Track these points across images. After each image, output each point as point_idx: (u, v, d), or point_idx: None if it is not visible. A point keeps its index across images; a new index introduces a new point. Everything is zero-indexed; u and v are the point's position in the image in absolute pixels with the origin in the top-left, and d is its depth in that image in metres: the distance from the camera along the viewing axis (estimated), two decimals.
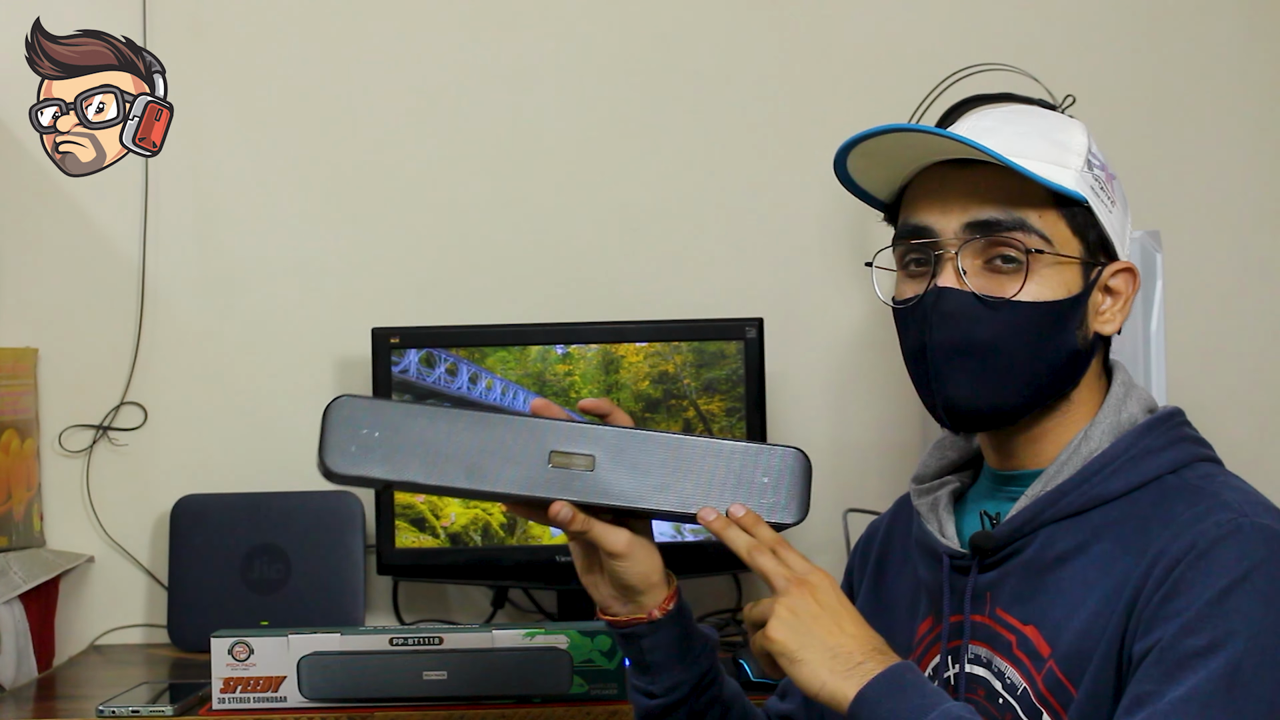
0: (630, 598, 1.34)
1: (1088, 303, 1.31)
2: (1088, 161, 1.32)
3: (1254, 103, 2.53)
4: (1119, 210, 1.34)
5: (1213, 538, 1.20)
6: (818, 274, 2.51)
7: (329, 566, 2.39)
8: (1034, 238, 1.28)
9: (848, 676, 1.22)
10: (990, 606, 1.31)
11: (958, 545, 1.35)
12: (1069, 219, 1.30)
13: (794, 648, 1.23)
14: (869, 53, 2.53)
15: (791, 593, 1.26)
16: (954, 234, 1.30)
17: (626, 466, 1.25)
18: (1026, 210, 1.29)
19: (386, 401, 1.24)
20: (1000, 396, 1.31)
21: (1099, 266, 1.32)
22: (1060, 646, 1.25)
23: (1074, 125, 1.35)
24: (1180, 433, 1.32)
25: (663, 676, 1.39)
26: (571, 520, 1.26)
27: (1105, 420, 1.32)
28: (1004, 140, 1.29)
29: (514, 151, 2.53)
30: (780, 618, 1.25)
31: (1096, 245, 1.32)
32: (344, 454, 1.21)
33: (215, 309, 2.53)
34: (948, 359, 1.31)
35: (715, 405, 2.31)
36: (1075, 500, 1.29)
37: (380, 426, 1.22)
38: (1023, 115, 1.37)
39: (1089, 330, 1.32)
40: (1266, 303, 2.52)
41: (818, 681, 1.22)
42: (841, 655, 1.23)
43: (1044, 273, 1.29)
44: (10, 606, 2.28)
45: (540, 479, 1.24)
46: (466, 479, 1.23)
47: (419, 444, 1.22)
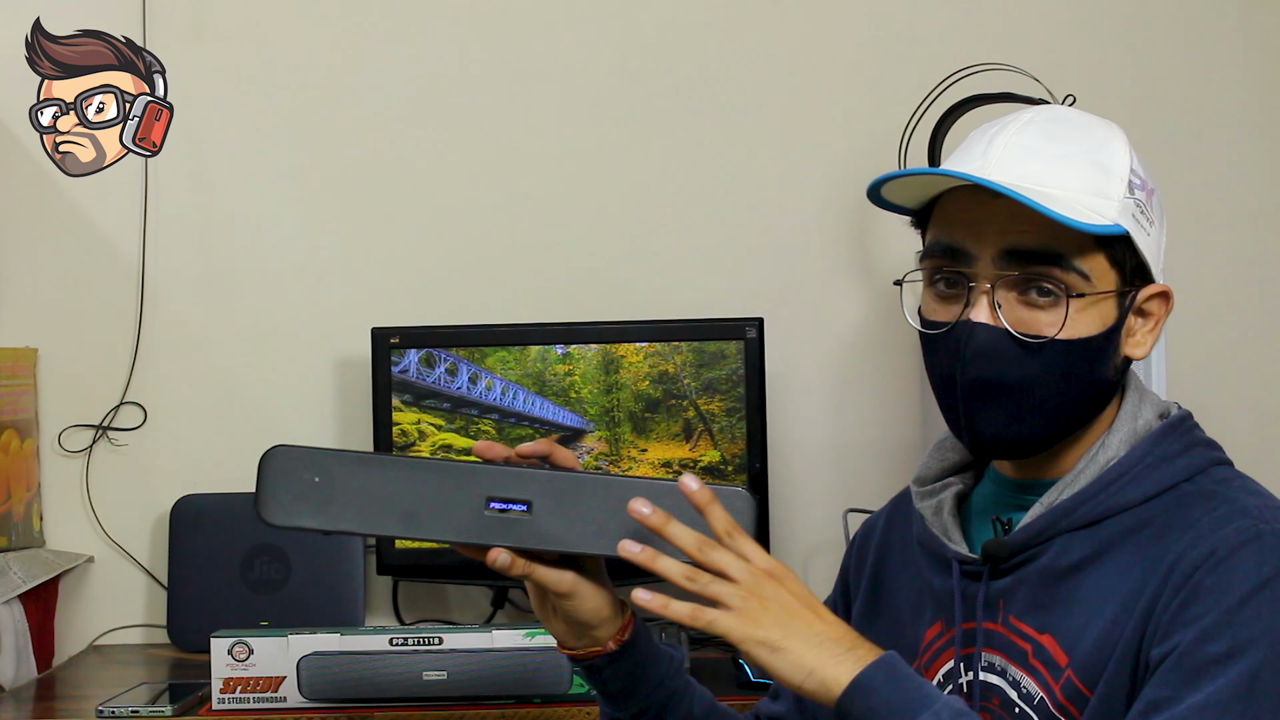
0: (584, 632, 1.32)
1: (1121, 330, 1.29)
2: (1130, 184, 1.27)
3: (1254, 103, 2.53)
4: (1157, 229, 1.30)
5: (1232, 545, 1.19)
6: (818, 274, 2.51)
7: (329, 566, 2.39)
8: (1072, 275, 1.24)
9: (838, 663, 1.17)
10: (1003, 614, 1.30)
11: (967, 550, 1.34)
12: (1109, 253, 1.26)
13: (776, 636, 1.17)
14: (869, 53, 2.53)
15: (762, 585, 1.19)
16: (989, 261, 1.26)
17: (564, 510, 1.24)
18: (1065, 244, 1.24)
19: (322, 450, 1.23)
20: (1029, 431, 1.28)
21: (1133, 292, 1.29)
22: (1078, 655, 1.24)
23: (1116, 140, 1.30)
24: (1193, 437, 1.31)
25: (628, 703, 1.37)
26: (510, 566, 1.23)
27: (1122, 429, 1.30)
28: (1044, 166, 1.25)
29: (514, 152, 2.53)
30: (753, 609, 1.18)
31: (1134, 272, 1.28)
32: (279, 505, 1.21)
33: (215, 309, 2.53)
34: (979, 396, 1.28)
35: (715, 405, 2.31)
36: (1092, 509, 1.28)
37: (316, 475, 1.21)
38: (1064, 129, 1.30)
39: (1118, 357, 1.30)
40: (1266, 303, 2.52)
41: (804, 669, 1.17)
42: (828, 642, 1.18)
43: (1082, 309, 1.26)
44: (10, 606, 2.28)
45: (477, 526, 1.23)
46: (403, 527, 1.22)
47: (355, 493, 1.21)
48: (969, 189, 1.27)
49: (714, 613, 1.18)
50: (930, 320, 1.30)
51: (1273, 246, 2.53)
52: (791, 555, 2.47)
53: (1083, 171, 1.26)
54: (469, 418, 2.32)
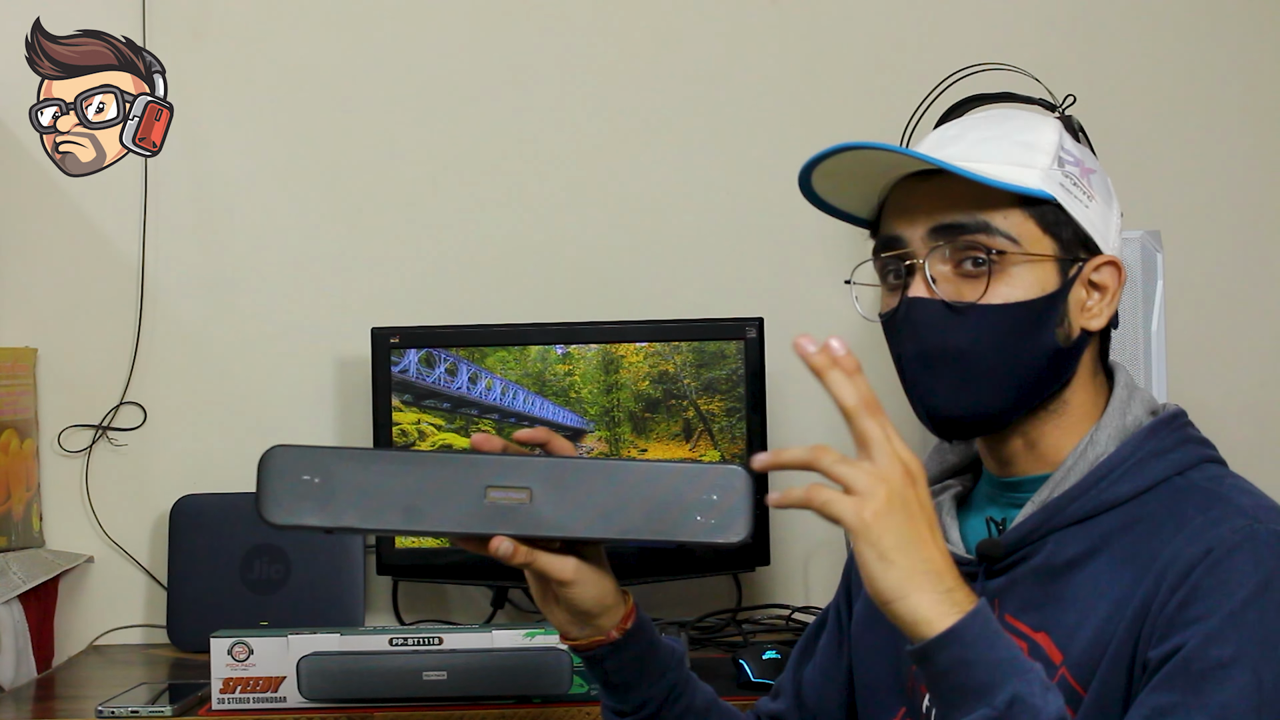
0: (586, 621, 1.32)
1: (1068, 299, 1.30)
2: (1058, 159, 1.30)
3: (1254, 103, 2.53)
4: (1100, 204, 1.32)
5: (1229, 545, 1.19)
6: (818, 274, 2.51)
7: (329, 566, 2.39)
8: (998, 239, 1.27)
9: (938, 601, 1.13)
10: (999, 613, 1.29)
11: (963, 551, 1.34)
12: (1038, 218, 1.29)
13: (889, 544, 1.12)
14: (869, 53, 2.53)
15: (895, 475, 1.14)
16: (920, 241, 1.30)
17: (565, 496, 1.24)
18: (990, 212, 1.28)
19: (321, 448, 1.23)
20: (981, 401, 1.30)
21: (1079, 262, 1.30)
22: (1073, 654, 1.24)
23: (1044, 123, 1.34)
24: (1185, 434, 1.31)
25: (630, 694, 1.37)
26: (513, 554, 1.23)
27: (1111, 424, 1.31)
28: (964, 147, 1.30)
29: (514, 152, 2.53)
30: (878, 500, 1.13)
31: (1074, 241, 1.30)
32: (280, 505, 1.21)
33: (215, 309, 2.53)
34: (923, 368, 1.31)
35: (715, 405, 2.31)
36: (1083, 505, 1.28)
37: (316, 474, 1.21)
38: (990, 120, 1.36)
39: (1071, 328, 1.30)
40: (1266, 303, 2.53)
41: (902, 591, 1.12)
42: (934, 572, 1.13)
43: (1014, 273, 1.28)
44: (10, 607, 2.28)
45: (478, 515, 1.23)
46: (404, 521, 1.23)
47: (355, 489, 1.22)
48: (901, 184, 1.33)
49: (831, 493, 1.15)
50: (884, 311, 1.35)
51: (1273, 246, 2.53)
52: (791, 555, 2.47)
53: (1002, 147, 1.31)
54: (469, 418, 2.32)
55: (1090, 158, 1.35)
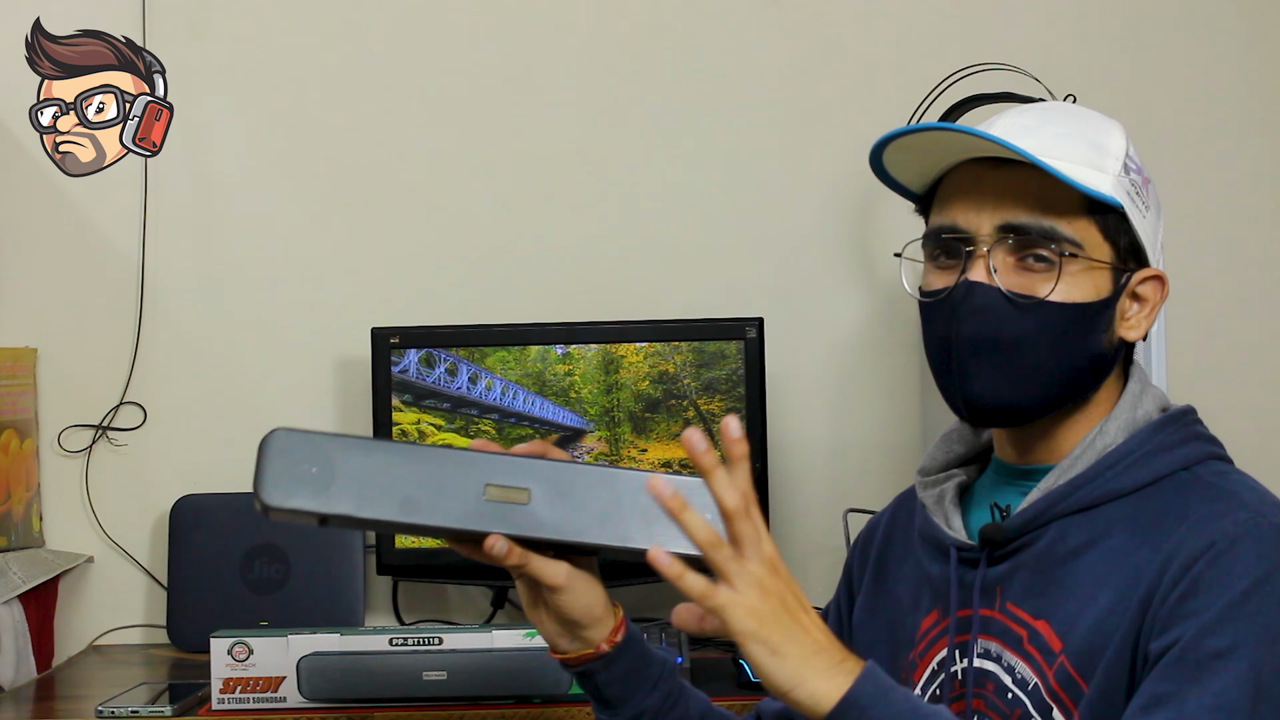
0: (576, 633, 1.31)
1: (1115, 308, 1.31)
2: (1125, 165, 1.30)
3: (1254, 102, 2.53)
4: (1152, 216, 1.33)
5: (1231, 537, 1.20)
6: (818, 274, 2.51)
7: (329, 566, 2.39)
8: (1065, 244, 1.28)
9: (831, 675, 1.15)
10: (1000, 600, 1.30)
11: (965, 538, 1.35)
12: (1101, 224, 1.29)
13: (778, 639, 1.16)
14: (869, 52, 2.53)
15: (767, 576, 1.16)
16: (987, 234, 1.29)
17: (563, 500, 1.23)
18: (1057, 217, 1.28)
19: (323, 434, 1.22)
20: (1020, 394, 1.30)
21: (1129, 272, 1.31)
22: (1072, 642, 1.25)
23: (1114, 127, 1.34)
24: (1193, 430, 1.32)
25: (624, 708, 1.37)
26: (507, 554, 1.22)
27: (1121, 416, 1.31)
28: (1040, 141, 1.28)
29: (514, 152, 2.53)
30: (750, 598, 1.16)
31: (1128, 251, 1.31)
32: (278, 487, 1.19)
33: (215, 309, 2.53)
34: (974, 354, 1.30)
35: (715, 405, 2.31)
36: (1088, 494, 1.28)
37: (316, 459, 1.20)
38: (1063, 114, 1.35)
39: (1115, 335, 1.32)
40: (1266, 303, 2.53)
41: (798, 678, 1.15)
42: (824, 652, 1.16)
43: (1075, 275, 1.28)
44: (10, 606, 2.28)
45: (475, 512, 1.22)
46: (400, 512, 1.21)
47: (354, 477, 1.20)
48: (966, 167, 1.31)
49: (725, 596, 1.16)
50: (929, 290, 1.33)
51: (1273, 246, 2.53)
52: (791, 555, 2.46)
53: (1077, 146, 1.30)
54: (469, 418, 2.32)
55: (1144, 166, 1.34)
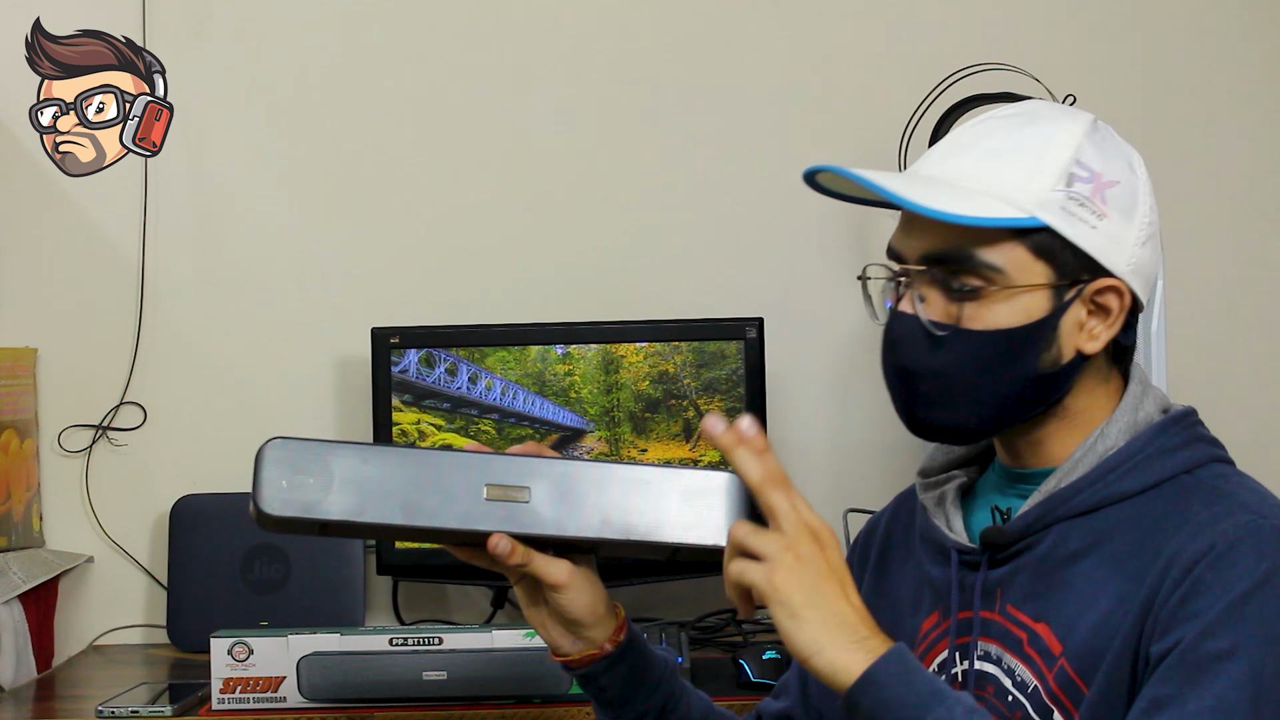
0: (578, 634, 1.32)
1: (1059, 325, 1.27)
2: (1068, 177, 1.26)
3: (1254, 103, 2.53)
4: (1114, 222, 1.27)
5: (1232, 539, 1.19)
6: (818, 274, 2.51)
7: (329, 566, 2.39)
8: (982, 270, 1.25)
9: (852, 650, 1.15)
10: (1001, 603, 1.30)
11: (966, 540, 1.34)
12: (1030, 245, 1.25)
13: (798, 602, 1.15)
14: (869, 53, 2.53)
15: (801, 543, 1.17)
16: (915, 261, 1.29)
17: (563, 497, 1.24)
18: (978, 244, 1.25)
19: (320, 441, 1.21)
20: (957, 417, 1.30)
21: (1079, 285, 1.27)
22: (1072, 644, 1.25)
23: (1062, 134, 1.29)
24: (1195, 433, 1.31)
25: (626, 709, 1.37)
26: (511, 553, 1.22)
27: (1122, 419, 1.31)
28: (971, 161, 1.27)
29: (514, 152, 2.53)
30: (786, 564, 1.16)
31: (1074, 265, 1.27)
32: (276, 496, 1.19)
33: (215, 309, 2.53)
34: (900, 381, 1.32)
35: (715, 405, 2.31)
36: (1089, 498, 1.28)
37: (313, 468, 1.20)
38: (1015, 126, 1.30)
39: (1062, 352, 1.28)
40: (1266, 303, 2.52)
41: (816, 646, 1.15)
42: (846, 625, 1.16)
43: (998, 301, 1.26)
44: (10, 606, 2.28)
45: (477, 513, 1.22)
46: (403, 516, 1.21)
47: (353, 483, 1.20)
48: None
49: (743, 563, 1.18)
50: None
51: (1273, 246, 2.53)
52: None
53: (1005, 167, 1.27)
54: (469, 418, 2.32)
55: (1115, 167, 1.30)
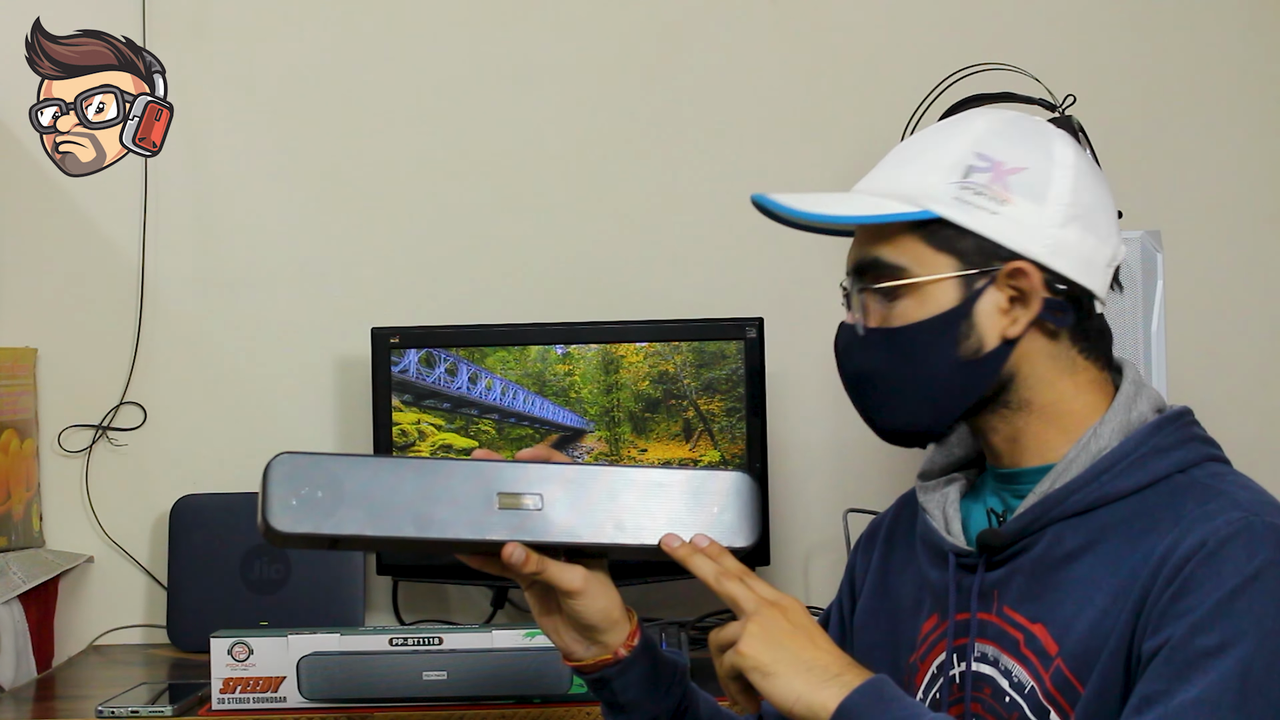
0: (593, 638, 1.33)
1: (973, 312, 1.29)
2: (967, 168, 1.29)
3: (1254, 103, 2.53)
4: (1019, 206, 1.28)
5: (1223, 536, 1.20)
6: (818, 274, 2.50)
7: (329, 566, 2.39)
8: (886, 270, 1.31)
9: (825, 687, 1.21)
10: (998, 604, 1.31)
11: (964, 543, 1.35)
12: (927, 238, 1.29)
13: (766, 661, 1.22)
14: (869, 53, 2.53)
15: (763, 612, 1.25)
16: (848, 274, 1.37)
17: (575, 503, 1.24)
18: (881, 245, 1.32)
19: (328, 455, 1.21)
20: (907, 416, 1.34)
21: (989, 271, 1.28)
22: (1068, 644, 1.25)
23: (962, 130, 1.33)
24: (1189, 432, 1.31)
25: (637, 714, 1.37)
26: (525, 561, 1.23)
27: (1115, 419, 1.31)
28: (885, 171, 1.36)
29: (514, 151, 2.53)
30: (751, 634, 1.24)
31: (979, 252, 1.28)
32: (287, 512, 1.18)
33: (215, 309, 2.53)
34: (854, 389, 1.37)
35: (715, 405, 2.31)
36: (1084, 498, 1.28)
37: (323, 482, 1.19)
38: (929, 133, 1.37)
39: (983, 340, 1.29)
40: (1266, 303, 2.52)
41: (793, 694, 1.21)
42: (817, 668, 1.22)
43: (910, 296, 1.31)
44: (10, 606, 2.28)
45: (489, 522, 1.22)
46: (415, 528, 1.20)
47: (364, 496, 1.20)
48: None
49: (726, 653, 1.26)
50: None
51: (1273, 246, 2.53)
52: (791, 555, 2.47)
53: (905, 170, 1.34)
54: (469, 418, 2.32)
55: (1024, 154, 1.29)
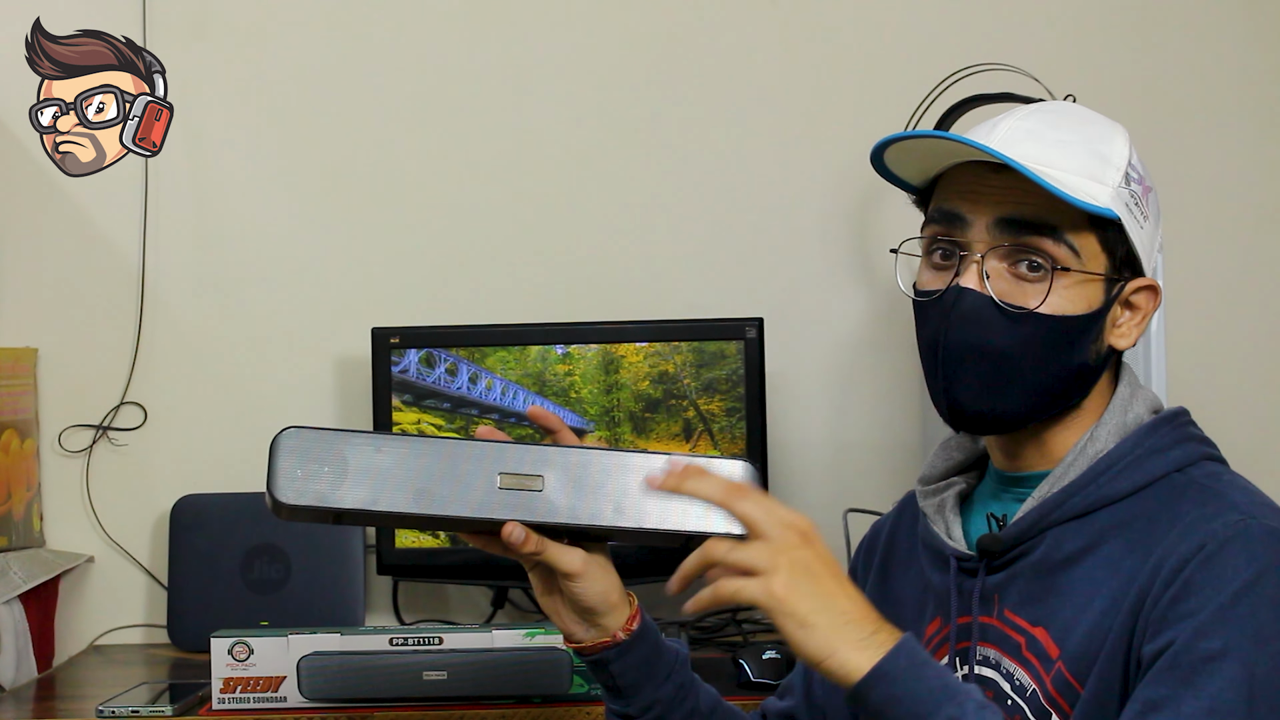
0: (592, 621, 1.33)
1: (1106, 318, 1.31)
2: (1126, 175, 1.29)
3: (1254, 102, 2.53)
4: (1150, 225, 1.32)
5: (1221, 539, 1.20)
6: (818, 274, 2.51)
7: (329, 566, 2.39)
8: (1062, 248, 1.27)
9: (861, 647, 1.16)
10: (999, 608, 1.31)
11: (965, 547, 1.35)
12: (1100, 236, 1.29)
13: (805, 610, 1.16)
14: (869, 53, 2.53)
15: (790, 543, 1.17)
16: (984, 229, 1.28)
17: (578, 486, 1.24)
18: (1059, 218, 1.27)
19: (334, 431, 1.23)
20: (1005, 404, 1.30)
21: (1122, 282, 1.31)
22: (1069, 647, 1.25)
23: (1117, 133, 1.32)
24: (1186, 432, 1.32)
25: (636, 698, 1.37)
26: (525, 541, 1.23)
27: (1111, 421, 1.31)
28: (1043, 149, 1.28)
29: (514, 151, 2.53)
30: (782, 572, 1.16)
31: (1124, 261, 1.30)
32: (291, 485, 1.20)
33: (215, 309, 2.53)
34: (960, 360, 1.30)
35: (715, 405, 2.31)
36: (1082, 501, 1.29)
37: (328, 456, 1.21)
38: (1067, 119, 1.33)
39: (1103, 344, 1.31)
40: (1266, 303, 2.53)
41: (828, 649, 1.15)
42: (854, 623, 1.17)
43: (1067, 287, 1.28)
44: (10, 606, 2.28)
45: (491, 501, 1.23)
46: (416, 504, 1.22)
47: (367, 472, 1.21)
48: (971, 166, 1.30)
49: (738, 581, 1.18)
50: (923, 289, 1.33)
51: (1273, 246, 2.53)
52: None
53: (1079, 157, 1.29)
54: (469, 418, 2.32)
55: (1147, 173, 1.33)
